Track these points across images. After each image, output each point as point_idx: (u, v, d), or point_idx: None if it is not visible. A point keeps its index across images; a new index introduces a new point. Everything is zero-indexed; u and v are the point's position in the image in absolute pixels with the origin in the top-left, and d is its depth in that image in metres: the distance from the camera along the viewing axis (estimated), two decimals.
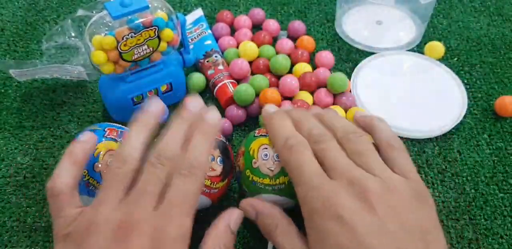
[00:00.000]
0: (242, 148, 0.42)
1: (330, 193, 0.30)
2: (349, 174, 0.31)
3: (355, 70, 0.57)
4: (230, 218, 0.35)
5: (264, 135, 0.41)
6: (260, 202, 0.37)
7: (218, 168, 0.39)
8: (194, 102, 0.38)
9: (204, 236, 0.34)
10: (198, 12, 0.64)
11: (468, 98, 0.55)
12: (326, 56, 0.57)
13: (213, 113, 0.37)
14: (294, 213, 0.40)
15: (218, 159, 0.39)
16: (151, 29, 0.44)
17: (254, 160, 0.40)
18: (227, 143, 0.42)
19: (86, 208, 0.32)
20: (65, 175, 0.34)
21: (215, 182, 0.39)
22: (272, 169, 0.39)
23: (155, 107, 0.37)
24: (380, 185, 0.30)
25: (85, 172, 0.38)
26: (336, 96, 0.54)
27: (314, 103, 0.53)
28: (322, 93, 0.53)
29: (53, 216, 0.33)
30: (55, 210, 0.33)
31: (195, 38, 0.59)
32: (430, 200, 0.32)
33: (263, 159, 0.39)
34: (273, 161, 0.39)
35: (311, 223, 0.30)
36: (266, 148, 0.40)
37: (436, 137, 0.52)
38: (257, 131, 0.42)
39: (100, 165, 0.39)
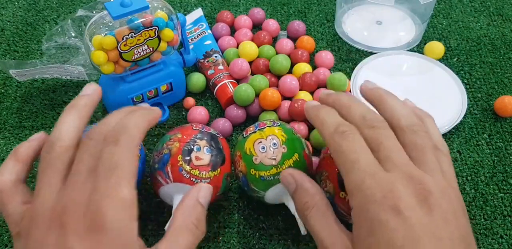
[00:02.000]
0: (237, 153, 0.42)
1: (390, 184, 0.28)
2: (407, 169, 0.29)
3: (355, 70, 0.57)
4: (198, 193, 0.35)
5: (253, 132, 0.42)
6: (302, 173, 0.35)
7: (205, 157, 0.39)
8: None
9: (173, 213, 0.34)
10: (198, 12, 0.64)
11: (468, 98, 0.55)
12: (326, 56, 0.57)
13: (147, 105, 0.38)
14: None
15: (205, 148, 0.39)
16: (151, 29, 0.44)
17: (254, 157, 0.40)
18: (218, 136, 0.43)
19: (30, 203, 0.31)
20: (6, 172, 0.32)
21: (204, 172, 0.39)
22: (274, 157, 0.40)
23: (88, 90, 0.35)
24: (438, 189, 0.28)
25: None
26: None
27: None
28: None
29: (3, 215, 0.32)
30: (1, 208, 0.32)
31: (195, 38, 0.59)
32: (467, 213, 0.31)
33: (262, 152, 0.40)
34: (272, 150, 0.40)
35: (364, 212, 0.27)
36: (261, 142, 0.41)
37: None
38: (244, 133, 0.43)
39: None
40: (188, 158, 0.38)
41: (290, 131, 0.43)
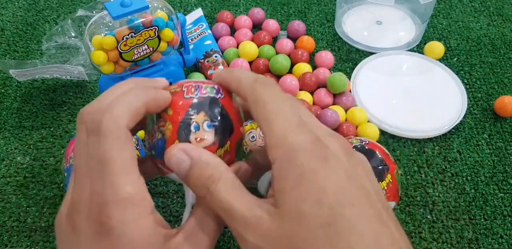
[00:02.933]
0: None
1: (316, 133, 0.26)
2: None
3: (355, 70, 0.57)
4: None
5: (245, 125, 0.43)
6: (196, 147, 0.28)
7: (208, 135, 0.29)
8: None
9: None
10: (198, 12, 0.64)
11: (468, 98, 0.55)
12: (326, 56, 0.57)
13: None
14: None
15: (205, 124, 0.29)
16: (151, 29, 0.44)
17: (244, 147, 0.42)
18: (218, 95, 0.30)
19: None
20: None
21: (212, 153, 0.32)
22: (263, 145, 0.41)
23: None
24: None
25: None
26: (336, 96, 0.54)
27: (314, 103, 0.53)
28: (322, 93, 0.53)
29: None
30: None
31: (195, 38, 0.59)
32: None
33: (252, 141, 0.41)
34: (261, 138, 0.41)
35: (292, 162, 0.25)
36: (251, 132, 0.42)
37: (436, 137, 0.52)
38: None
39: None
40: (188, 141, 0.29)
41: None
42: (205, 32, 0.60)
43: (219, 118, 0.29)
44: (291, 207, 0.24)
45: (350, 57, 0.60)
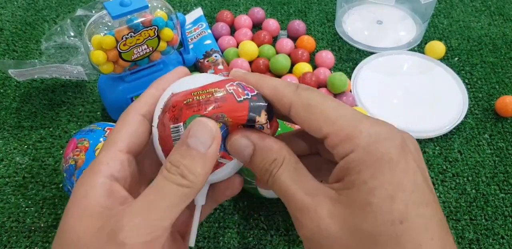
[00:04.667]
0: None
1: (388, 124, 0.26)
2: None
3: (356, 70, 0.57)
4: (188, 132, 0.26)
5: None
6: (259, 132, 0.27)
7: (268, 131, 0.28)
8: None
9: None
10: (198, 12, 0.63)
11: (469, 98, 0.55)
12: (326, 56, 0.57)
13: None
14: None
15: (267, 124, 0.28)
16: (151, 29, 0.44)
17: None
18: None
19: None
20: None
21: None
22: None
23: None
24: None
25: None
26: (336, 96, 0.54)
27: None
28: (323, 93, 0.53)
29: None
30: None
31: (194, 37, 0.59)
32: None
33: None
34: None
35: (371, 152, 0.24)
36: None
37: (437, 137, 0.51)
38: None
39: None
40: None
41: (281, 121, 0.43)
42: (205, 32, 0.59)
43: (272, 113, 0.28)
44: (360, 199, 0.23)
45: (350, 57, 0.60)
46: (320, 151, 0.30)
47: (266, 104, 0.27)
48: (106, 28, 0.43)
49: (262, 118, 0.27)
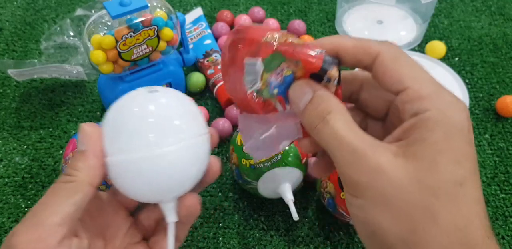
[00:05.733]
0: (231, 147, 0.44)
1: (453, 95, 0.27)
2: None
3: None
4: (82, 138, 0.29)
5: None
6: (322, 86, 0.28)
7: (333, 90, 0.28)
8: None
9: None
10: (198, 12, 0.63)
11: (470, 98, 0.55)
12: None
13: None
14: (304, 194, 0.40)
15: (335, 81, 0.28)
16: (151, 29, 0.44)
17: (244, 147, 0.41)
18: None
19: None
20: None
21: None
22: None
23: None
24: None
25: None
26: None
27: None
28: None
29: None
30: None
31: (194, 37, 0.59)
32: None
33: None
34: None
35: (448, 117, 0.25)
36: None
37: None
38: (237, 128, 0.45)
39: None
40: None
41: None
42: (204, 32, 0.59)
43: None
44: (428, 155, 0.24)
45: None
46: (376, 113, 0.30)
47: (338, 61, 0.28)
48: (105, 28, 0.43)
49: (333, 72, 0.27)
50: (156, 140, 0.28)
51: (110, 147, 0.29)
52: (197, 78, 0.54)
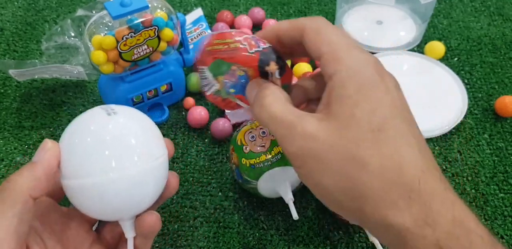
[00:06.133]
0: (231, 147, 0.44)
1: (373, 57, 0.29)
2: None
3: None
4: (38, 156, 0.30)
5: (244, 125, 0.44)
6: (265, 81, 0.32)
7: (279, 82, 0.32)
8: None
9: None
10: (198, 12, 0.63)
11: (469, 98, 0.55)
12: None
13: None
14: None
15: (277, 72, 0.31)
16: (151, 29, 0.44)
17: (244, 147, 0.42)
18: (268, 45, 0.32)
19: None
20: None
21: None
22: (263, 144, 0.41)
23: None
24: None
25: None
26: None
27: None
28: None
29: None
30: None
31: (195, 38, 0.59)
32: None
33: (251, 141, 0.42)
34: (261, 138, 0.42)
35: (357, 73, 0.27)
36: (251, 132, 0.42)
37: (436, 137, 0.52)
38: (237, 128, 0.45)
39: None
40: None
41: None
42: (205, 32, 0.60)
43: (283, 65, 0.32)
44: (345, 111, 0.26)
45: None
46: None
47: (275, 55, 0.31)
48: (106, 28, 0.43)
49: (271, 67, 0.31)
50: (112, 165, 0.28)
51: (66, 170, 0.29)
52: (197, 78, 0.54)
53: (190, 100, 0.54)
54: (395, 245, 0.26)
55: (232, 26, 0.62)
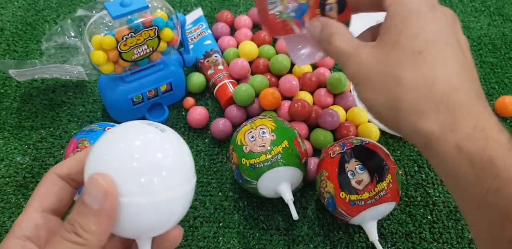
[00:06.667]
0: (231, 147, 0.44)
1: None
2: None
3: None
4: (90, 186, 0.25)
5: (245, 125, 0.44)
6: (327, 18, 0.37)
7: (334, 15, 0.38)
8: None
9: None
10: (198, 12, 0.63)
11: None
12: None
13: None
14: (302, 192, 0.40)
15: (335, 6, 0.37)
16: (151, 29, 0.44)
17: (244, 147, 0.42)
18: None
19: None
20: None
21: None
22: (263, 145, 0.41)
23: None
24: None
25: None
26: (336, 96, 0.54)
27: (314, 103, 0.53)
28: (322, 93, 0.53)
29: None
30: None
31: (195, 38, 0.59)
32: None
33: (251, 141, 0.42)
34: (261, 138, 0.42)
35: (406, 4, 0.31)
36: (251, 132, 0.43)
37: None
38: (238, 128, 0.45)
39: None
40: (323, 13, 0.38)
41: (281, 122, 0.44)
42: (205, 32, 0.60)
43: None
44: (391, 38, 0.31)
45: None
46: None
47: None
48: (106, 28, 0.43)
49: (330, 1, 0.37)
50: (160, 186, 0.25)
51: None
52: (197, 78, 0.54)
53: (190, 100, 0.54)
54: (422, 148, 0.30)
55: (232, 26, 0.62)
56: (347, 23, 0.38)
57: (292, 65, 0.57)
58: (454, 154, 0.28)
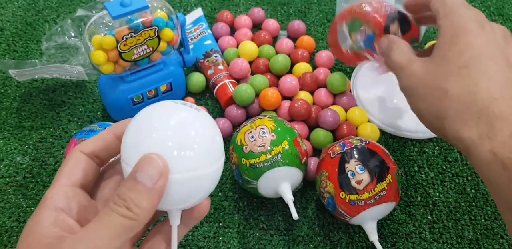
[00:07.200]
0: (231, 147, 0.44)
1: (478, 13, 0.36)
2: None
3: (355, 70, 0.57)
4: (140, 166, 0.26)
5: (245, 125, 0.44)
6: (393, 36, 0.41)
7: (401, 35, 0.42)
8: None
9: None
10: (198, 12, 0.63)
11: None
12: (326, 56, 0.57)
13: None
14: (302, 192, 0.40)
15: (399, 31, 0.42)
16: (151, 29, 0.44)
17: (244, 147, 0.42)
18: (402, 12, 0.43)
19: None
20: None
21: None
22: (263, 145, 0.41)
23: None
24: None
25: None
26: (336, 96, 0.54)
27: (314, 103, 0.53)
28: (322, 93, 0.53)
29: None
30: None
31: (195, 38, 0.59)
32: None
33: (251, 141, 0.42)
34: (261, 138, 0.42)
35: (455, 21, 0.35)
36: (251, 132, 0.43)
37: (437, 137, 0.52)
38: (238, 128, 0.45)
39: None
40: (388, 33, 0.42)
41: (281, 122, 0.44)
42: (205, 32, 0.60)
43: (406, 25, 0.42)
44: (441, 54, 0.34)
45: None
46: None
47: (398, 19, 0.42)
48: (106, 28, 0.43)
49: (394, 28, 0.42)
50: (202, 163, 0.27)
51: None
52: (197, 78, 0.54)
53: (190, 100, 0.54)
54: (464, 154, 0.33)
55: (232, 26, 0.62)
56: (416, 39, 0.43)
57: (292, 65, 0.57)
58: (490, 159, 0.30)
